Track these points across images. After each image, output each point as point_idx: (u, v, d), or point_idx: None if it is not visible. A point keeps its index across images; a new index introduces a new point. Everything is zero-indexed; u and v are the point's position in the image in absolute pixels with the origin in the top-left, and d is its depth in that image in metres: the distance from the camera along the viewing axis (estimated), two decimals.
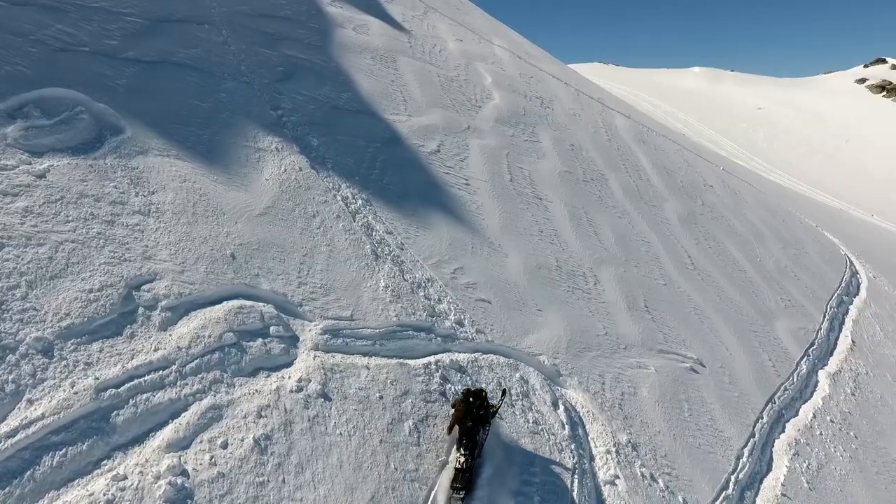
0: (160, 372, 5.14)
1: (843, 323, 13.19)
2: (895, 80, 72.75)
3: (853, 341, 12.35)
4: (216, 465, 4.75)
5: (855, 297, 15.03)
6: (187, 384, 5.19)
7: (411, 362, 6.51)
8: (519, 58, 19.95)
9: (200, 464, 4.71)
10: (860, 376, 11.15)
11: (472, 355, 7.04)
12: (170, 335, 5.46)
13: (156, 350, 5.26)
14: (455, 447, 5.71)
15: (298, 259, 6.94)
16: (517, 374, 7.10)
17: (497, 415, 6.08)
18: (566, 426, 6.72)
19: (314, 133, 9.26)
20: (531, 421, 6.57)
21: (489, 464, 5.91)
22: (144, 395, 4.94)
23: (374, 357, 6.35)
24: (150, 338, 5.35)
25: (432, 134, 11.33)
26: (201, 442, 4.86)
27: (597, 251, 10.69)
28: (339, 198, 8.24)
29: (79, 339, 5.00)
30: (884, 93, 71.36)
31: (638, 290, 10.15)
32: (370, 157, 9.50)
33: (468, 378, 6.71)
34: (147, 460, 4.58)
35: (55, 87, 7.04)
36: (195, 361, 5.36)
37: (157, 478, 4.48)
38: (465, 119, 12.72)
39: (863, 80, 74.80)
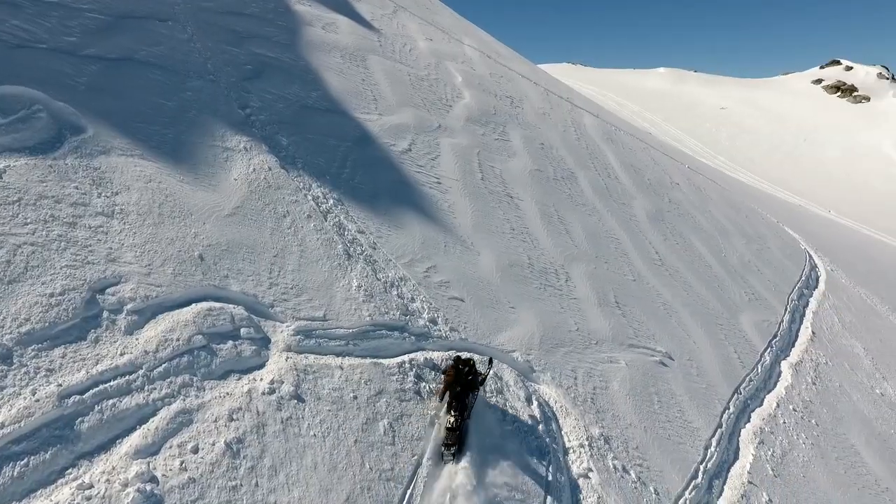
0: (127, 377, 5.01)
1: (803, 315, 13.64)
2: (849, 80, 75.59)
3: (813, 332, 12.79)
4: (186, 470, 4.65)
5: (814, 289, 15.57)
6: (155, 388, 5.07)
7: (385, 361, 6.48)
8: (489, 57, 20.05)
9: (170, 469, 4.60)
10: (820, 366, 11.56)
11: (447, 353, 7.05)
12: (136, 339, 5.32)
13: (122, 354, 5.13)
14: (445, 410, 6.10)
15: (269, 259, 6.84)
16: (491, 371, 7.13)
17: (484, 382, 6.54)
18: (540, 421, 6.79)
19: (283, 132, 9.15)
20: (505, 417, 6.61)
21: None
22: (110, 401, 4.81)
23: (347, 357, 6.30)
24: (115, 342, 5.20)
25: (403, 133, 11.31)
26: (171, 447, 4.76)
27: (568, 248, 10.83)
28: (309, 197, 8.16)
29: (40, 345, 4.83)
30: (838, 93, 74.12)
31: (608, 286, 10.32)
32: (341, 157, 9.43)
33: (442, 376, 6.71)
34: (114, 468, 4.45)
35: (11, 84, 6.78)
36: (163, 365, 5.23)
37: (125, 485, 4.36)
38: (436, 118, 12.73)
39: (819, 81, 77.56)
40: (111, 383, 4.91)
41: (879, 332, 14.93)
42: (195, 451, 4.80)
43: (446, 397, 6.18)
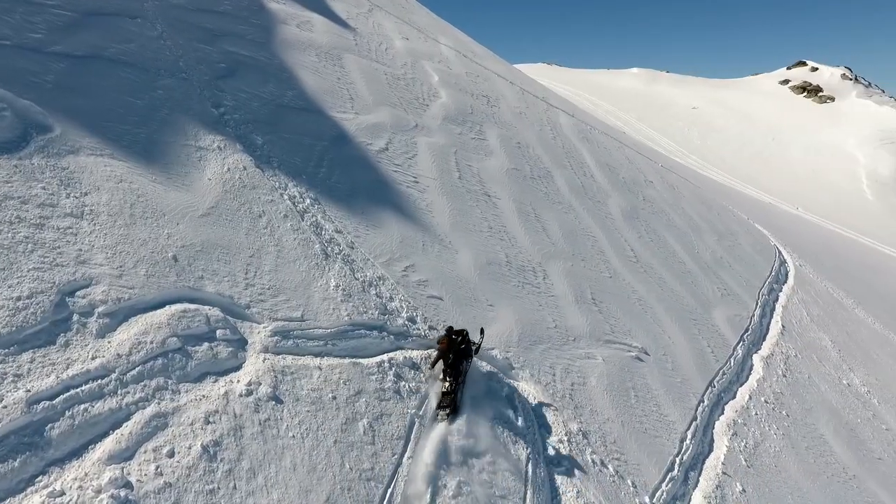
0: (99, 381, 4.89)
1: (773, 309, 13.99)
2: (814, 81, 77.72)
3: (783, 326, 13.12)
4: (162, 474, 4.56)
5: (784, 284, 15.98)
6: (129, 392, 4.96)
7: (364, 361, 6.46)
8: (465, 56, 20.11)
9: (145, 474, 4.51)
10: (790, 359, 11.87)
11: (426, 352, 7.05)
12: (108, 342, 5.21)
13: (93, 358, 5.01)
14: (441, 377, 6.56)
15: (245, 260, 6.75)
16: (472, 369, 7.16)
17: (478, 351, 7.03)
18: (520, 417, 6.83)
19: (258, 131, 9.03)
20: (486, 414, 6.63)
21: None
22: (82, 406, 4.69)
23: (326, 357, 6.26)
24: (86, 346, 5.08)
25: (380, 132, 11.27)
26: (145, 452, 4.66)
27: (545, 246, 10.92)
28: (286, 197, 8.08)
29: (6, 350, 4.69)
30: (805, 93, 76.15)
31: (585, 283, 10.44)
32: (317, 156, 9.36)
33: (421, 374, 6.72)
34: (86, 474, 4.35)
35: None
36: (137, 369, 5.13)
37: (98, 491, 4.26)
38: (412, 117, 12.72)
39: (786, 82, 79.56)
40: (83, 388, 4.79)
41: (845, 324, 15.40)
42: (171, 455, 4.72)
43: (440, 365, 6.63)
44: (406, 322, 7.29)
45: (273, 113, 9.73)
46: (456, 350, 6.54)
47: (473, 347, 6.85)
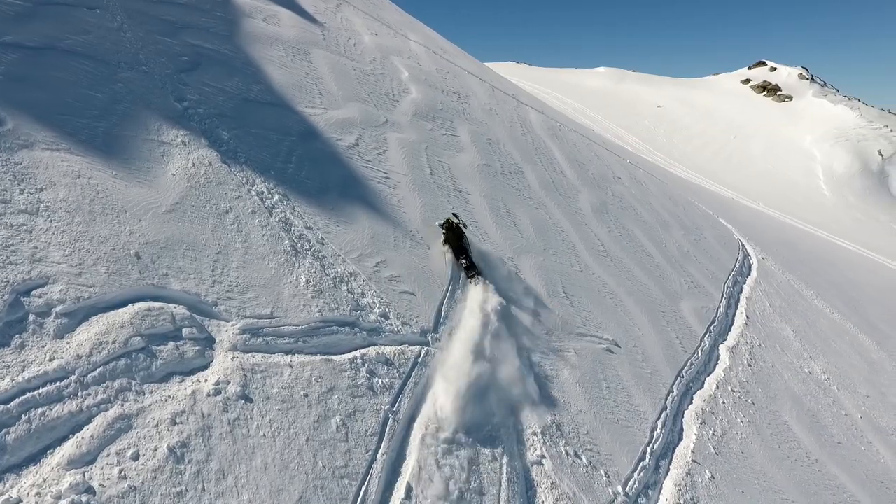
0: (57, 383, 4.70)
1: (738, 301, 14.36)
2: (773, 80, 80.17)
3: (747, 317, 13.48)
4: (126, 478, 4.41)
5: (748, 276, 16.41)
6: (90, 394, 4.77)
7: (336, 358, 6.36)
8: (435, 53, 20.05)
9: (108, 478, 4.35)
10: (754, 348, 12.19)
11: (399, 347, 7.00)
12: (67, 343, 5.00)
13: (51, 360, 4.80)
14: (457, 264, 8.88)
15: (211, 257, 6.58)
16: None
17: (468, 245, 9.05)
18: (494, 413, 6.83)
19: (224, 126, 8.82)
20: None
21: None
22: (39, 410, 4.50)
23: (297, 355, 6.14)
24: (43, 347, 4.87)
25: (350, 128, 11.14)
26: (108, 455, 4.49)
27: (517, 241, 10.96)
28: (253, 193, 7.90)
29: None
30: (764, 92, 78.49)
31: (556, 277, 10.52)
32: (286, 151, 9.19)
33: (395, 371, 6.67)
34: (45, 480, 4.17)
35: None
36: (98, 370, 4.94)
37: (58, 498, 4.09)
38: (383, 113, 12.61)
39: (747, 81, 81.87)
40: (40, 390, 4.59)
41: (806, 314, 15.91)
42: (135, 457, 4.56)
43: (449, 255, 8.95)
44: (378, 318, 7.21)
45: (239, 107, 9.52)
46: (458, 234, 9.03)
47: (465, 241, 9.08)
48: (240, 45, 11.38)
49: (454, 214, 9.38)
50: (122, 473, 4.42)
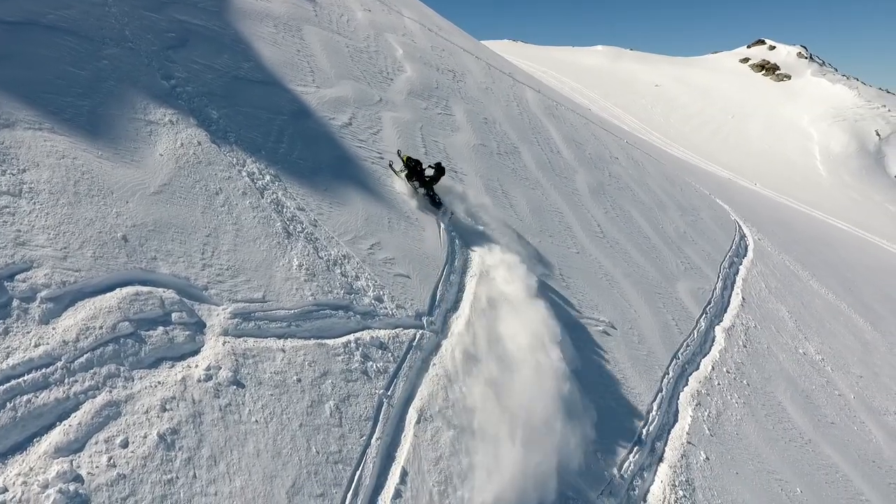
0: (43, 370, 4.59)
1: (734, 282, 14.34)
2: (772, 59, 79.46)
3: (743, 298, 13.46)
4: (115, 466, 4.33)
5: (744, 257, 16.38)
6: (77, 381, 4.67)
7: (330, 342, 6.27)
8: (430, 30, 19.66)
9: (97, 467, 4.27)
10: (750, 329, 12.19)
11: (394, 331, 6.91)
12: (53, 329, 4.88)
13: (36, 346, 4.69)
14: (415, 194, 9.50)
15: (201, 239, 6.43)
16: (442, 348, 7.08)
17: (435, 181, 9.47)
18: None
19: (213, 105, 8.59)
20: (454, 396, 6.56)
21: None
22: (25, 397, 4.39)
23: (289, 339, 6.04)
24: (28, 333, 4.75)
25: (343, 106, 10.91)
26: (96, 443, 4.41)
27: (513, 223, 10.84)
28: (244, 173, 7.72)
29: None
30: (763, 71, 77.84)
31: (553, 259, 10.42)
32: (277, 130, 8.98)
33: (390, 354, 6.59)
34: (31, 468, 4.08)
35: None
36: (85, 356, 4.83)
37: (45, 486, 4.01)
38: (376, 91, 12.36)
39: (745, 60, 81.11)
40: (25, 377, 4.48)
41: (801, 295, 15.92)
42: (124, 445, 4.48)
43: (420, 190, 9.51)
44: (373, 301, 7.11)
45: (229, 85, 9.27)
46: (416, 168, 9.42)
47: (427, 177, 9.45)
48: (229, 21, 11.06)
49: (398, 151, 10.01)
50: (111, 461, 4.34)
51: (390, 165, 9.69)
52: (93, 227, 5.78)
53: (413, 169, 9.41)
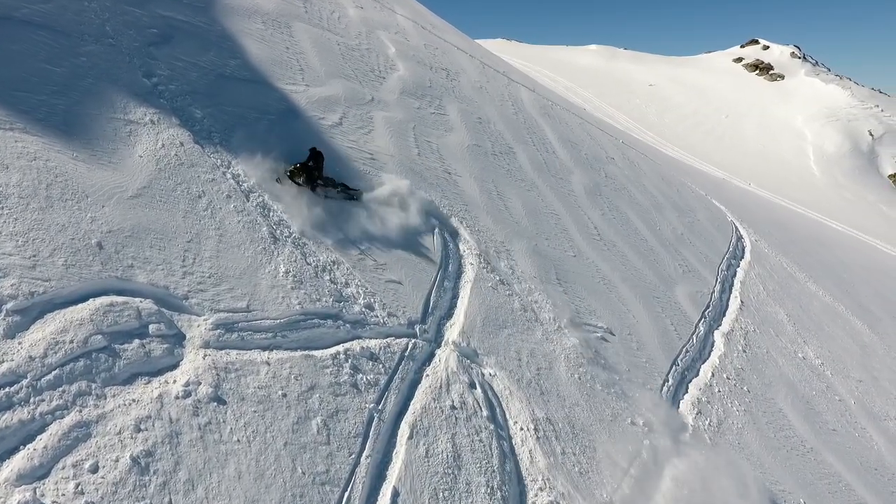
0: (6, 389, 4.28)
1: (732, 285, 14.12)
2: (766, 59, 79.58)
3: (742, 301, 13.25)
4: (83, 493, 4.03)
5: (741, 259, 16.18)
6: (43, 400, 4.36)
7: (317, 353, 5.98)
8: (423, 28, 19.35)
9: (63, 494, 3.97)
10: (749, 334, 11.97)
11: (385, 340, 6.62)
12: (19, 343, 4.57)
13: (0, 363, 4.37)
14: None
15: (182, 246, 6.12)
16: (435, 357, 6.79)
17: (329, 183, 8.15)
18: (484, 407, 6.51)
19: (197, 104, 8.26)
20: (450, 404, 6.28)
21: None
22: None
23: (274, 351, 5.74)
24: None
25: (333, 106, 10.59)
26: (63, 468, 4.10)
27: (508, 225, 10.57)
28: (228, 176, 7.41)
29: None
30: (757, 71, 77.88)
31: (549, 262, 10.17)
32: (264, 130, 8.65)
33: (381, 366, 6.29)
34: None
35: None
36: (53, 372, 4.52)
37: None
38: (368, 90, 12.05)
39: (739, 60, 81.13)
40: None
41: (799, 298, 15.74)
42: (94, 469, 4.17)
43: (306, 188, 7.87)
44: (363, 309, 6.82)
45: (214, 84, 8.94)
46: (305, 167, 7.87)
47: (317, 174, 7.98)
48: (215, 17, 10.71)
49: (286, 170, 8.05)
50: (79, 488, 4.04)
51: (278, 179, 7.88)
52: (65, 234, 5.46)
53: (304, 170, 7.90)
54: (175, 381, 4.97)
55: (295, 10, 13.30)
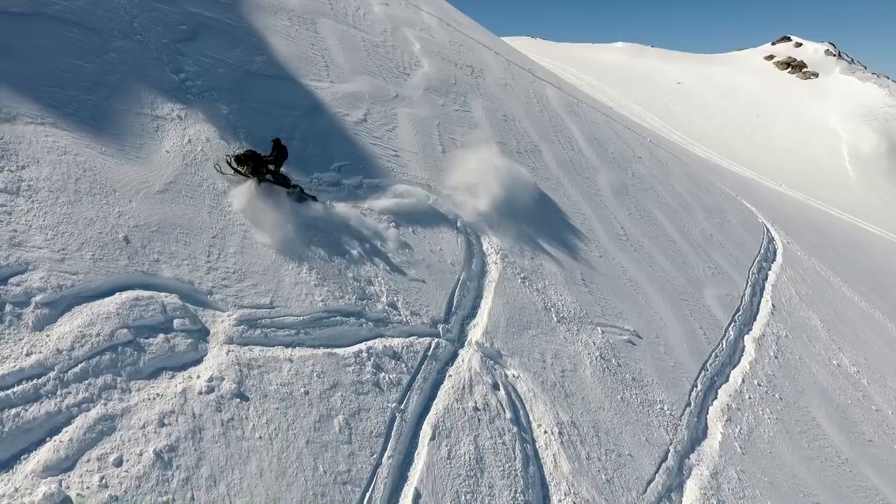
0: (34, 381, 4.30)
1: (763, 288, 13.72)
2: (798, 56, 77.52)
3: (773, 305, 12.86)
4: (108, 486, 4.03)
5: (773, 262, 15.73)
6: (70, 393, 4.38)
7: (340, 351, 5.93)
8: (448, 25, 19.24)
9: (87, 487, 3.97)
10: (781, 339, 11.61)
11: (408, 339, 6.55)
12: (47, 336, 4.60)
13: (28, 354, 4.40)
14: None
15: (207, 241, 6.13)
16: (458, 358, 6.70)
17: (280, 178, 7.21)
18: (507, 409, 6.39)
19: (223, 99, 8.29)
20: (472, 406, 6.18)
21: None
22: (14, 410, 4.11)
23: (297, 348, 5.71)
24: (20, 340, 4.47)
25: (358, 102, 10.55)
26: (88, 461, 4.11)
27: (532, 224, 10.39)
28: None
29: None
30: (788, 69, 75.93)
31: (574, 262, 9.98)
32: (289, 127, 8.65)
33: (403, 365, 6.22)
34: (17, 489, 3.79)
35: None
36: (80, 365, 4.54)
37: None
38: (393, 87, 11.99)
39: (770, 57, 79.19)
40: (14, 389, 4.20)
41: (833, 303, 15.24)
42: (118, 463, 4.17)
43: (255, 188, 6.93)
44: (386, 307, 6.75)
45: (240, 80, 8.96)
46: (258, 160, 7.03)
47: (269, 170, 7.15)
48: (242, 14, 10.76)
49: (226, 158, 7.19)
50: (103, 481, 4.04)
51: (223, 167, 7.09)
52: (93, 228, 5.50)
53: (253, 159, 7.04)
54: (199, 377, 4.96)
55: (320, 6, 13.31)
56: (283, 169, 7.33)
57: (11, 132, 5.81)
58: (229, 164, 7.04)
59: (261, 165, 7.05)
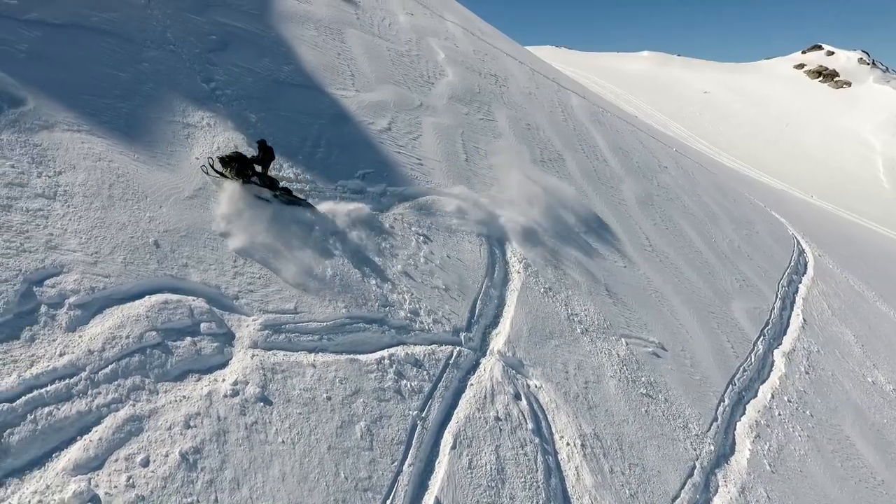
0: (66, 380, 4.40)
1: (793, 301, 13.39)
2: (830, 65, 75.95)
3: (804, 320, 12.53)
4: (134, 486, 4.09)
5: (803, 275, 15.34)
6: (100, 393, 4.47)
7: (362, 357, 5.95)
8: (472, 34, 19.34)
9: (115, 486, 4.04)
10: (812, 354, 11.30)
11: (430, 347, 6.54)
12: (79, 337, 4.71)
13: (61, 355, 4.51)
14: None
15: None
16: (480, 366, 6.66)
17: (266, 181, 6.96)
18: (529, 420, 6.33)
19: (252, 108, 8.45)
20: (494, 415, 6.14)
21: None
22: (46, 409, 4.20)
23: (320, 353, 5.75)
24: (54, 340, 4.58)
25: (383, 111, 10.65)
26: (117, 460, 4.18)
27: (556, 233, 10.32)
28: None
29: None
30: (820, 78, 74.46)
31: (598, 272, 9.87)
32: (315, 135, 8.77)
33: (425, 372, 6.21)
34: (48, 486, 3.88)
35: None
36: (110, 366, 4.63)
37: None
38: (417, 96, 12.08)
39: (801, 66, 77.77)
40: (48, 388, 4.30)
41: (867, 318, 14.79)
42: (145, 463, 4.24)
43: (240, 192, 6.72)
44: (409, 315, 6.76)
45: (268, 89, 9.13)
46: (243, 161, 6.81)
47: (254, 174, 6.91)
48: (271, 24, 10.98)
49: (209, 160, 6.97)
50: (131, 481, 4.11)
51: (209, 168, 6.86)
52: (125, 232, 5.64)
53: (238, 160, 6.81)
54: (224, 380, 5.02)
55: (347, 17, 13.51)
56: (275, 171, 7.23)
57: (50, 139, 6.00)
58: (212, 166, 6.85)
59: (246, 167, 6.81)
